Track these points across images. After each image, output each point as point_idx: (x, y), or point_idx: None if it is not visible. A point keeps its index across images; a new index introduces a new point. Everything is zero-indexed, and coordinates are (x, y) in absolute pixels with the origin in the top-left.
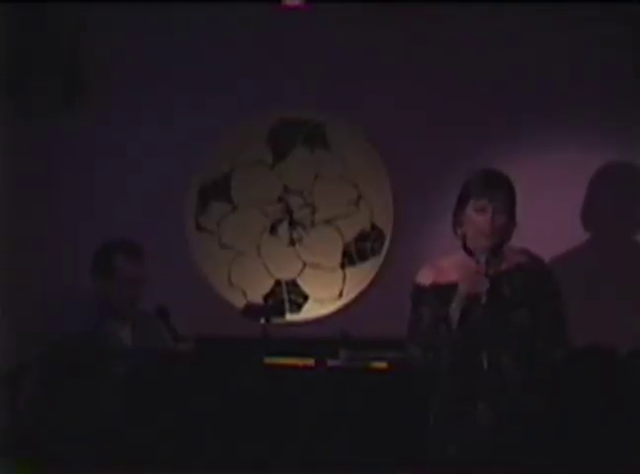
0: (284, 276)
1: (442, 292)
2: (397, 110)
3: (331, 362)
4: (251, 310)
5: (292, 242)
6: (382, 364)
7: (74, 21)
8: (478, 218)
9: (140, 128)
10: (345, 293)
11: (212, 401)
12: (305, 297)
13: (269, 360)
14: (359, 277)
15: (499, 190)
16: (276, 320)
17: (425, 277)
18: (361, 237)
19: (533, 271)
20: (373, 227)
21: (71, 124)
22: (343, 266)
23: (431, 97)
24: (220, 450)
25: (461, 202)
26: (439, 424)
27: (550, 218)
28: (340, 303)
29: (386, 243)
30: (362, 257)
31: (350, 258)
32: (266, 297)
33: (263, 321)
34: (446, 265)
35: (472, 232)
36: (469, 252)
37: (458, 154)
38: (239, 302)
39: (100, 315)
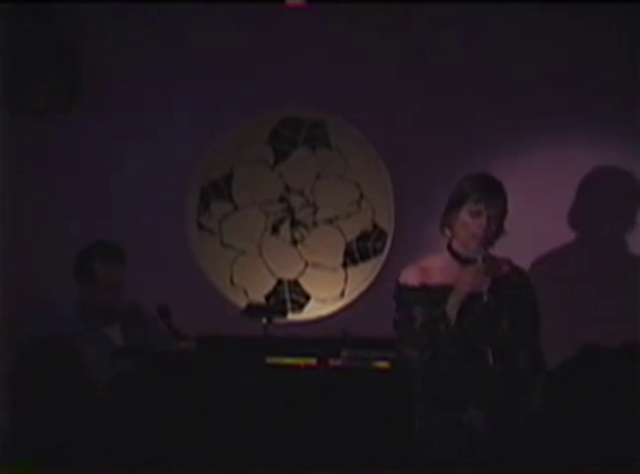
0: (286, 275)
1: (434, 292)
2: (398, 109)
3: (333, 362)
4: (253, 310)
5: (294, 241)
6: (384, 364)
7: (74, 21)
8: (472, 222)
9: (140, 128)
10: (346, 293)
11: (214, 401)
12: (307, 297)
13: (270, 360)
14: (360, 277)
15: (496, 197)
16: (277, 320)
17: (411, 278)
18: (363, 237)
19: (515, 281)
20: (375, 227)
21: (71, 124)
22: (345, 265)
23: (431, 97)
24: (221, 450)
25: (455, 205)
26: (436, 424)
27: (549, 218)
28: (342, 303)
29: (388, 242)
30: (364, 256)
31: (351, 257)
32: (267, 297)
33: (264, 321)
34: (431, 266)
35: (464, 235)
36: (454, 253)
37: (459, 154)
38: (241, 302)
39: (86, 316)
